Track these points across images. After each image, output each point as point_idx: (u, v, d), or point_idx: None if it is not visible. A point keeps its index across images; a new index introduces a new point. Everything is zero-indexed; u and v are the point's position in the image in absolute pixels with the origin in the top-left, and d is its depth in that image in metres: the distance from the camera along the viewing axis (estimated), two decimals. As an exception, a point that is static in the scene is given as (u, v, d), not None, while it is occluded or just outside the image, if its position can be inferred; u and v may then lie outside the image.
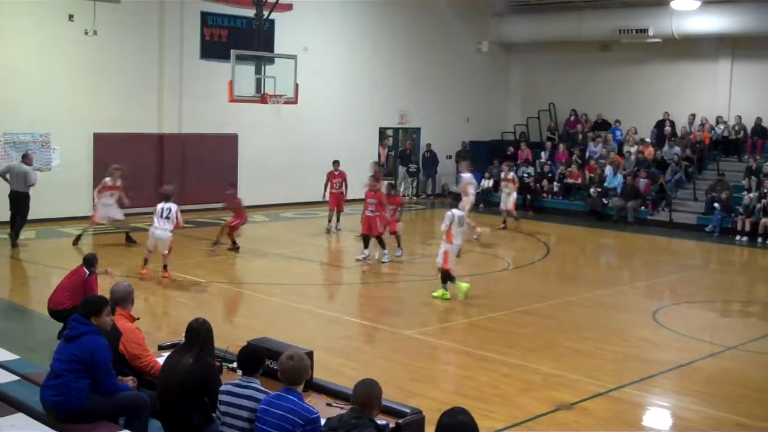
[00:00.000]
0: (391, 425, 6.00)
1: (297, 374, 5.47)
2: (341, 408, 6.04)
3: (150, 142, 21.91)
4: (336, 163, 20.64)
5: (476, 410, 4.94)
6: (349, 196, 20.60)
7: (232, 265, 17.15)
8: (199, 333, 6.34)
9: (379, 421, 5.81)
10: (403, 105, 27.82)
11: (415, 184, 28.88)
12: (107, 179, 17.59)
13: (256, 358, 5.93)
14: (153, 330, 10.02)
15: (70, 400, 6.25)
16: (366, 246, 16.51)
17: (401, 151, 29.46)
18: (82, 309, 6.53)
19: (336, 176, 20.46)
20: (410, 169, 28.60)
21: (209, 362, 6.33)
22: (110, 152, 20.45)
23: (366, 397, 5.18)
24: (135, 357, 6.95)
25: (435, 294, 13.41)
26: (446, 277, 13.32)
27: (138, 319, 7.32)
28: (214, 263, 16.42)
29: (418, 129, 28.81)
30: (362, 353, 10.39)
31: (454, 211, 13.44)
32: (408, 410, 6.29)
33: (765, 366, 10.82)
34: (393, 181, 19.76)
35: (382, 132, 28.50)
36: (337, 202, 20.32)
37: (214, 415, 5.99)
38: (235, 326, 11.24)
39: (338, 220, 20.50)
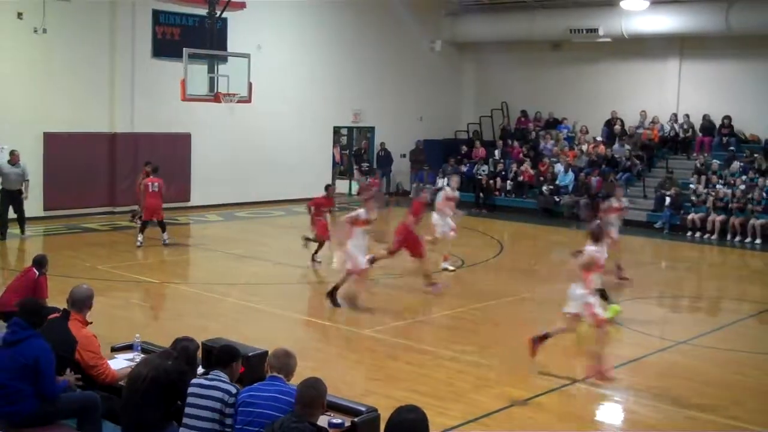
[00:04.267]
0: (347, 424, 6.02)
1: (291, 367, 5.81)
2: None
3: (102, 141, 21.63)
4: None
5: (431, 407, 4.99)
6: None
7: (186, 265, 17.04)
8: (188, 351, 6.39)
9: (334, 420, 5.89)
10: (358, 104, 27.82)
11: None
12: (360, 212, 12.55)
13: (231, 353, 6.09)
14: (106, 332, 9.89)
15: (21, 408, 6.16)
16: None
17: (355, 150, 29.52)
18: (24, 315, 6.44)
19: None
20: (363, 168, 28.68)
21: (186, 369, 6.29)
22: (61, 152, 20.19)
23: (310, 398, 5.24)
24: (90, 367, 6.83)
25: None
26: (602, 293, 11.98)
27: (91, 323, 7.20)
28: (168, 264, 16.30)
29: (372, 128, 28.85)
30: (319, 353, 10.39)
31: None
32: (363, 409, 6.32)
33: (714, 360, 11.02)
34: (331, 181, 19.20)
35: (336, 131, 28.51)
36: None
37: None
38: (189, 327, 11.12)
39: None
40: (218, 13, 19.99)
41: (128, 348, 7.56)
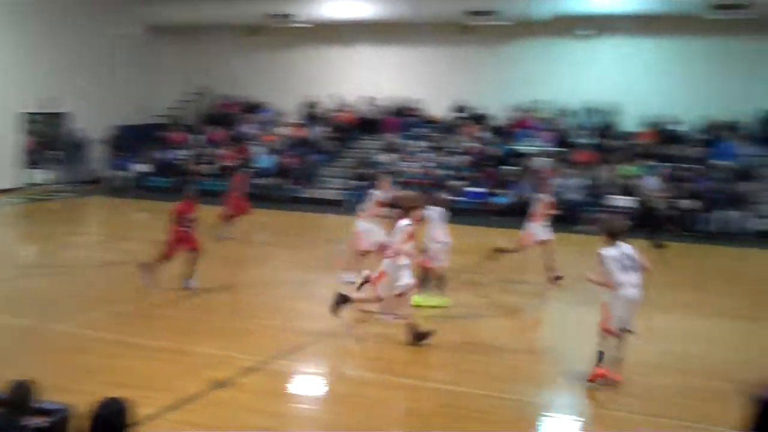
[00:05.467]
0: (42, 425, 5.89)
1: None
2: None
3: None
4: None
5: (133, 398, 5.06)
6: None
7: None
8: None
9: (26, 423, 5.73)
10: (51, 90, 26.42)
11: (61, 171, 27.73)
12: (404, 223, 10.65)
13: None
14: None
15: None
16: None
17: (48, 138, 28.13)
18: None
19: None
20: (56, 157, 27.45)
21: None
22: None
23: (17, 400, 5.16)
24: None
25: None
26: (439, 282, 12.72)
27: None
28: None
29: (67, 114, 27.55)
30: (7, 353, 9.92)
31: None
32: (58, 407, 6.20)
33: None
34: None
35: (28, 118, 26.96)
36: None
37: None
38: None
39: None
40: None
41: None
